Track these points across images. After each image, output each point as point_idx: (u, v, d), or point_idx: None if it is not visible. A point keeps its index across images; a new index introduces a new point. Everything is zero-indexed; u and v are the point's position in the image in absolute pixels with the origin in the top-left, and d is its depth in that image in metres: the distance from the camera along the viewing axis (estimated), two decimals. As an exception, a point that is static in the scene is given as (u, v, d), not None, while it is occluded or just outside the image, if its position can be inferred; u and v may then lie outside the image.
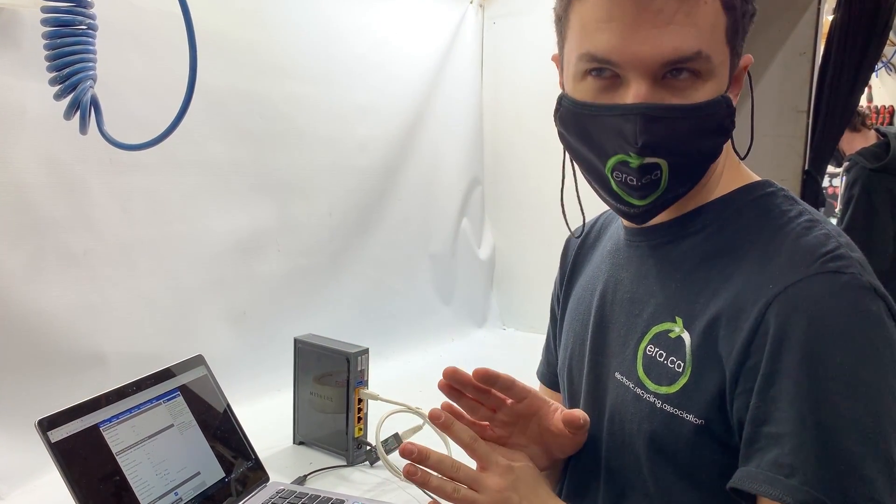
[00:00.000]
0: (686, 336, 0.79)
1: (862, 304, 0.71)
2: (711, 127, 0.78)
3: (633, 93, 0.75)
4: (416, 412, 1.48)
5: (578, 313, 1.01)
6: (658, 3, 0.72)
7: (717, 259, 0.81)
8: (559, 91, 0.87)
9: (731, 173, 0.87)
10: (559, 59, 0.87)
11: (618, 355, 0.89)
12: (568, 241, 1.13)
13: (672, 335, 0.81)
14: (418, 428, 1.50)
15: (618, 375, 0.88)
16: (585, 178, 0.87)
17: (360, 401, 1.49)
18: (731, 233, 0.82)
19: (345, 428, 1.49)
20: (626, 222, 0.93)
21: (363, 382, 1.50)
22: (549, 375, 1.18)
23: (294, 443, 1.57)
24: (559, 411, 0.91)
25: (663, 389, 0.80)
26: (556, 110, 0.85)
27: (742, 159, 0.89)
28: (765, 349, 0.71)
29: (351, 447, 1.48)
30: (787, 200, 0.83)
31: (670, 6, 0.72)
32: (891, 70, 4.87)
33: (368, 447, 1.50)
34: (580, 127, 0.81)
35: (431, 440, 1.44)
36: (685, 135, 0.76)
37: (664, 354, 0.81)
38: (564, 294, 1.09)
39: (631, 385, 0.85)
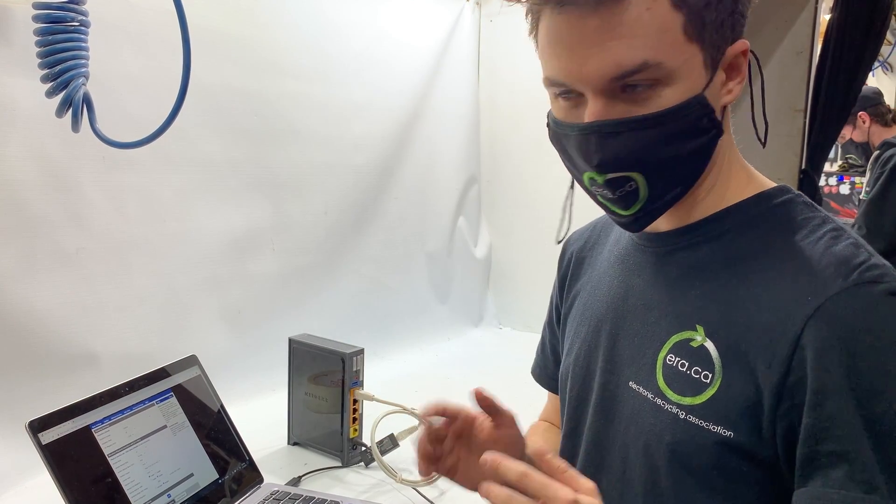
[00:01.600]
0: (710, 346, 0.77)
1: None
2: (683, 130, 0.75)
3: (589, 111, 0.75)
4: (412, 413, 1.46)
5: (585, 318, 0.98)
6: (594, 21, 0.71)
7: (739, 266, 0.79)
8: None
9: (742, 178, 0.85)
10: None
11: (632, 364, 0.87)
12: (566, 244, 1.11)
13: (694, 344, 0.79)
14: (413, 429, 1.49)
15: (633, 385, 0.86)
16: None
17: (355, 401, 1.48)
18: (752, 240, 0.80)
19: (340, 428, 1.47)
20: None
21: (358, 383, 1.49)
22: (545, 377, 1.17)
23: (288, 443, 1.56)
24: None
25: (687, 400, 0.78)
26: (547, 126, 0.85)
27: (764, 146, 0.87)
28: (808, 364, 0.69)
29: (346, 448, 1.47)
30: (808, 207, 0.81)
31: (609, 22, 0.70)
32: (887, 69, 4.87)
33: (363, 448, 1.48)
34: (559, 144, 0.82)
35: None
36: (650, 145, 0.74)
37: (686, 364, 0.79)
38: (565, 297, 1.07)
39: (650, 395, 0.83)
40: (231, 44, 1.75)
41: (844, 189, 5.00)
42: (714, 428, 0.75)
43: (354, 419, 1.48)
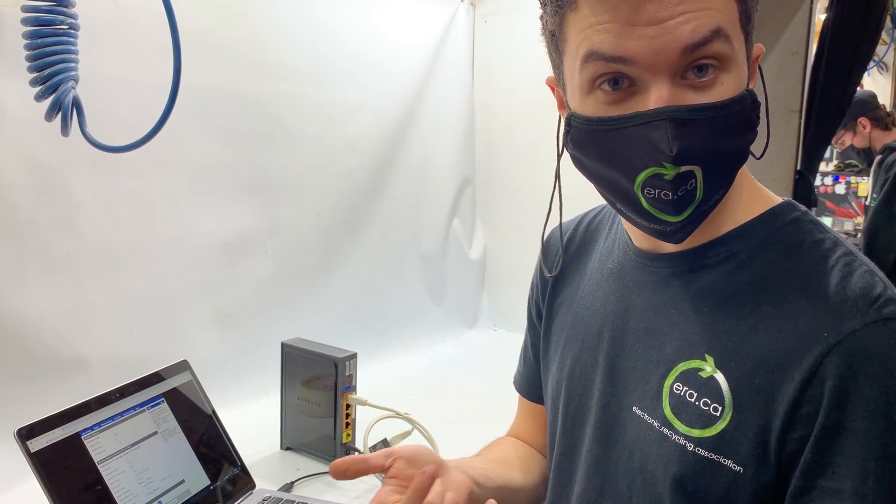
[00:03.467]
0: (721, 377, 0.75)
1: None
2: (740, 124, 0.72)
3: (655, 97, 0.69)
4: (405, 418, 1.46)
5: (578, 333, 0.96)
6: None
7: (749, 294, 0.76)
8: (552, 100, 0.83)
9: (750, 193, 0.82)
10: (556, 80, 0.82)
11: (636, 389, 0.84)
12: (548, 241, 1.07)
13: (703, 374, 0.76)
14: (407, 433, 1.48)
15: (637, 410, 0.83)
16: (609, 200, 0.81)
17: (347, 406, 1.47)
18: (762, 265, 0.77)
19: (333, 433, 1.47)
20: (637, 243, 0.89)
21: (351, 387, 1.48)
22: (528, 388, 1.14)
23: (281, 448, 1.55)
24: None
25: (696, 432, 0.76)
26: (566, 133, 0.79)
27: (758, 159, 0.83)
28: (823, 400, 0.67)
29: (339, 453, 1.46)
30: (816, 227, 0.78)
31: None
32: (883, 69, 4.87)
33: (357, 453, 1.48)
34: (598, 145, 0.75)
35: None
36: (717, 136, 0.70)
37: (695, 395, 0.76)
38: (549, 299, 1.04)
39: (656, 424, 0.80)
40: (222, 46, 1.74)
41: (840, 189, 5.00)
42: (724, 462, 0.73)
43: (347, 424, 1.47)
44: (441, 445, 1.48)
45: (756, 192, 0.83)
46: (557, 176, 0.89)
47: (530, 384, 1.14)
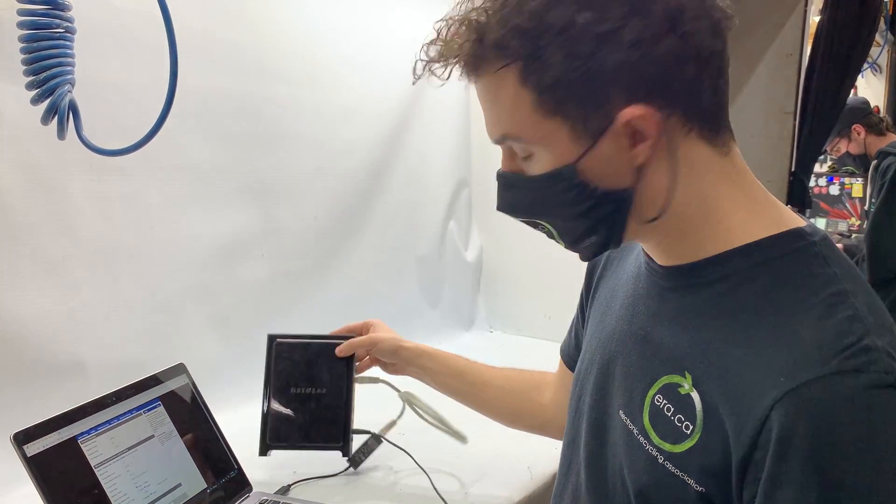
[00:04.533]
0: (696, 396, 0.75)
1: (878, 407, 0.64)
2: (554, 197, 0.79)
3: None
4: (385, 383, 1.48)
5: (597, 331, 0.99)
6: (478, 88, 0.81)
7: (730, 321, 0.75)
8: None
9: (758, 213, 0.79)
10: None
11: (623, 393, 0.86)
12: None
13: (681, 391, 0.77)
14: (392, 423, 1.48)
15: (622, 414, 0.85)
16: None
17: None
18: (748, 293, 0.75)
19: (340, 417, 1.43)
20: (647, 250, 0.91)
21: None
22: (569, 359, 1.22)
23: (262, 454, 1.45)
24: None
25: (667, 447, 0.77)
26: None
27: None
28: (769, 447, 0.66)
29: (348, 438, 1.42)
30: (816, 261, 0.74)
31: (481, 93, 0.80)
32: (877, 71, 4.89)
33: (367, 434, 1.47)
34: None
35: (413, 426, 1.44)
36: (534, 203, 0.82)
37: (672, 409, 0.77)
38: (592, 294, 1.09)
39: (635, 430, 0.82)
40: (219, 49, 1.74)
41: (834, 190, 5.02)
42: (688, 480, 0.74)
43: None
44: (438, 446, 1.48)
45: (768, 210, 0.80)
46: None
47: (571, 357, 1.22)
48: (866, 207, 3.50)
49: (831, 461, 0.63)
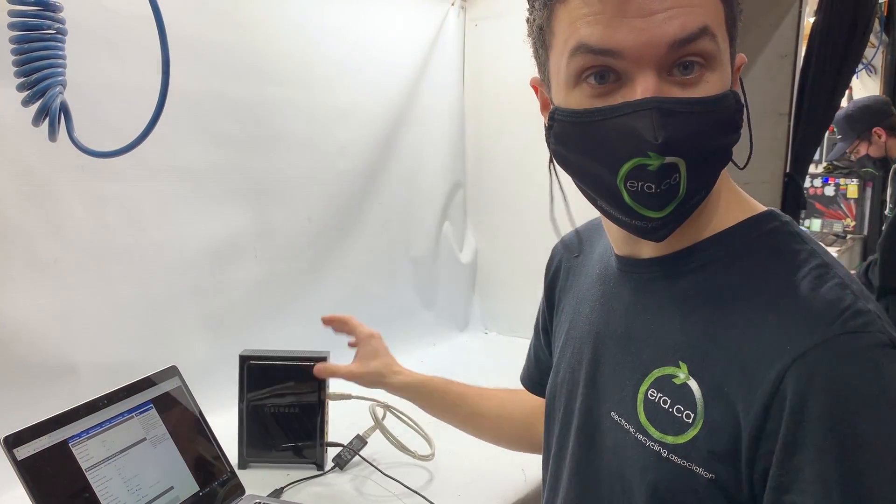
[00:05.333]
0: (693, 385, 0.75)
1: (886, 364, 0.67)
2: (724, 122, 0.72)
3: (642, 88, 0.69)
4: (382, 404, 1.48)
5: (570, 338, 0.97)
6: None
7: (722, 302, 0.76)
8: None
9: (728, 202, 0.82)
10: (541, 79, 0.82)
11: (613, 394, 0.85)
12: (553, 252, 1.10)
13: (677, 381, 0.76)
14: (374, 428, 1.48)
15: (615, 416, 0.84)
16: (590, 197, 0.79)
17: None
18: (736, 274, 0.77)
19: (315, 435, 1.47)
20: (618, 250, 0.89)
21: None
22: (532, 384, 1.18)
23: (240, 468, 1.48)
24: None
25: (670, 439, 0.76)
26: (549, 127, 0.79)
27: (741, 169, 0.84)
28: (783, 415, 0.67)
29: (320, 452, 1.47)
30: (794, 237, 0.78)
31: None
32: (871, 72, 4.89)
33: (341, 446, 1.49)
34: (582, 138, 0.74)
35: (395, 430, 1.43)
36: (702, 130, 0.70)
37: (669, 401, 0.77)
38: (555, 308, 1.06)
39: (631, 429, 0.81)
40: (211, 50, 1.73)
41: (829, 191, 5.03)
42: (696, 469, 0.73)
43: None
44: (434, 449, 1.48)
45: (737, 199, 0.83)
46: (552, 162, 0.87)
47: (538, 384, 1.17)
48: (886, 212, 3.47)
49: (847, 420, 0.65)
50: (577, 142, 0.75)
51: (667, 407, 0.77)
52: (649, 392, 0.79)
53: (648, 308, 0.83)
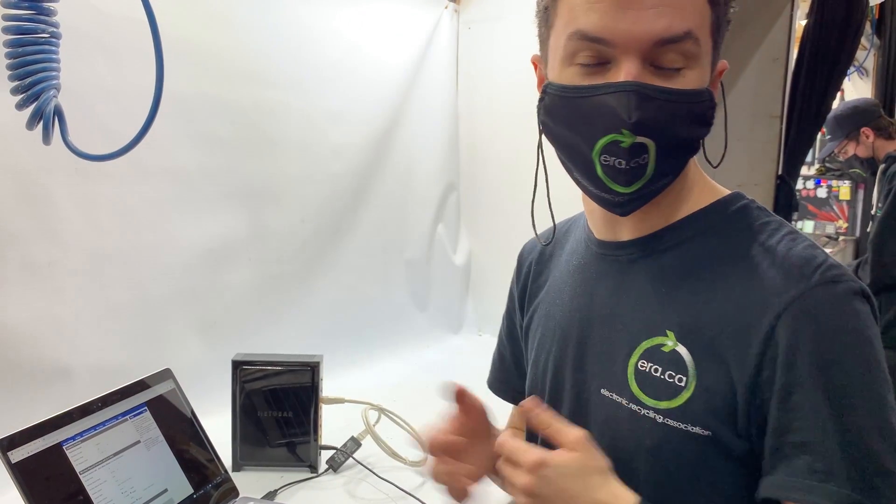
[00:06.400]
0: (683, 350, 0.80)
1: (859, 308, 0.75)
2: (696, 115, 0.79)
3: (625, 71, 0.75)
4: (377, 407, 1.48)
5: (549, 329, 0.98)
6: None
7: (704, 272, 0.82)
8: (535, 95, 0.86)
9: (700, 188, 0.88)
10: (541, 55, 0.87)
11: (602, 372, 0.88)
12: (521, 255, 1.12)
13: (665, 349, 0.81)
14: (365, 433, 1.49)
15: (605, 392, 0.87)
16: (567, 167, 0.85)
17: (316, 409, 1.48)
18: (714, 245, 0.83)
19: (307, 436, 1.48)
20: (597, 234, 0.92)
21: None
22: (508, 390, 1.18)
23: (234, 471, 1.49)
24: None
25: (664, 404, 0.80)
26: (541, 100, 0.85)
27: (715, 167, 0.89)
28: (777, 362, 0.73)
29: (314, 454, 1.48)
30: (762, 212, 0.85)
31: None
32: (863, 74, 4.91)
33: (334, 450, 1.49)
34: (568, 111, 0.81)
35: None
36: (673, 118, 0.77)
37: (659, 369, 0.81)
38: (526, 309, 1.07)
39: (624, 401, 0.84)
40: (206, 53, 1.74)
41: (822, 192, 5.04)
42: (692, 429, 0.78)
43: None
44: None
45: (707, 185, 0.89)
46: (540, 147, 0.91)
47: (515, 390, 1.16)
48: (873, 212, 3.49)
49: (832, 359, 0.72)
50: (562, 114, 0.82)
51: (658, 374, 0.81)
52: (639, 363, 0.83)
53: (632, 287, 0.87)
